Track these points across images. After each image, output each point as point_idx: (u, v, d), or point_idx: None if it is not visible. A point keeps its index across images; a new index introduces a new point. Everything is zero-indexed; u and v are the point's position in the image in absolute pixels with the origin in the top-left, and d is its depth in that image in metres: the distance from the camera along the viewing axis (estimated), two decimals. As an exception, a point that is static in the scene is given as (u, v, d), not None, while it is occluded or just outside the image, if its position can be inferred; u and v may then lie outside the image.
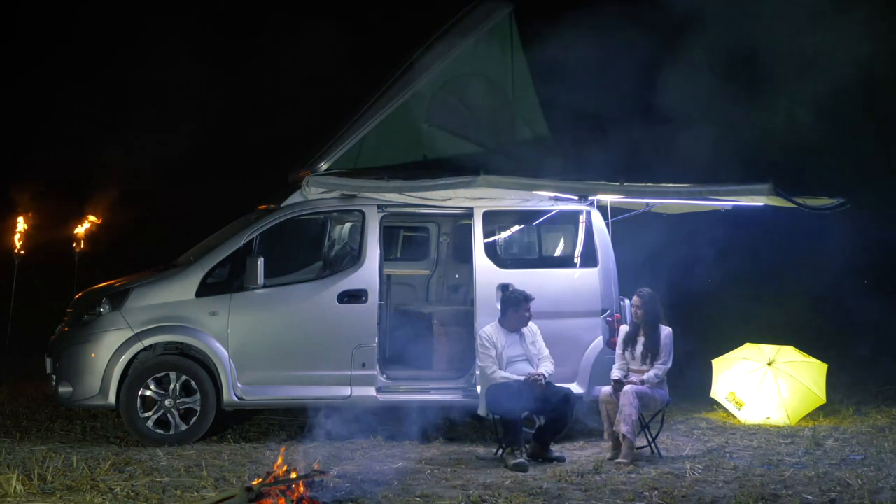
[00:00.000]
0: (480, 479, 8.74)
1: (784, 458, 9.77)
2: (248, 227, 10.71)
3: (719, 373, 12.39)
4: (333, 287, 10.67)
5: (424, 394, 10.82)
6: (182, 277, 10.55)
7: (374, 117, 11.17)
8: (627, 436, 9.48)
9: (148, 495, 7.98)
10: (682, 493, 8.27)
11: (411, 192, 10.63)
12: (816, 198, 10.28)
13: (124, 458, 9.38)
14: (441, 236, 12.72)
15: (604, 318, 10.88)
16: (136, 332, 10.32)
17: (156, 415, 10.33)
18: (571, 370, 10.70)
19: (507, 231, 11.54)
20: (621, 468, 9.24)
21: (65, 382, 10.33)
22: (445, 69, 11.54)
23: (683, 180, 10.24)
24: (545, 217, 11.18)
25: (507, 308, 10.07)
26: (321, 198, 10.87)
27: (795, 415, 11.80)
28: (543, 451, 9.72)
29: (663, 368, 9.87)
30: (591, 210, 11.13)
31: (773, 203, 10.20)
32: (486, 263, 10.87)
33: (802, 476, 8.82)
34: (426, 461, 9.58)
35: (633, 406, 9.53)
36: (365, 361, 10.58)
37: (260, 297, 10.52)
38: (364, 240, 10.79)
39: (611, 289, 10.99)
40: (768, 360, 12.07)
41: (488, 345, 9.88)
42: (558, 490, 8.39)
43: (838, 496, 8.13)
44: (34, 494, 7.93)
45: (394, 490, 8.27)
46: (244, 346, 10.44)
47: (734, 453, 10.02)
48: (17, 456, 9.33)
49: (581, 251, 11.03)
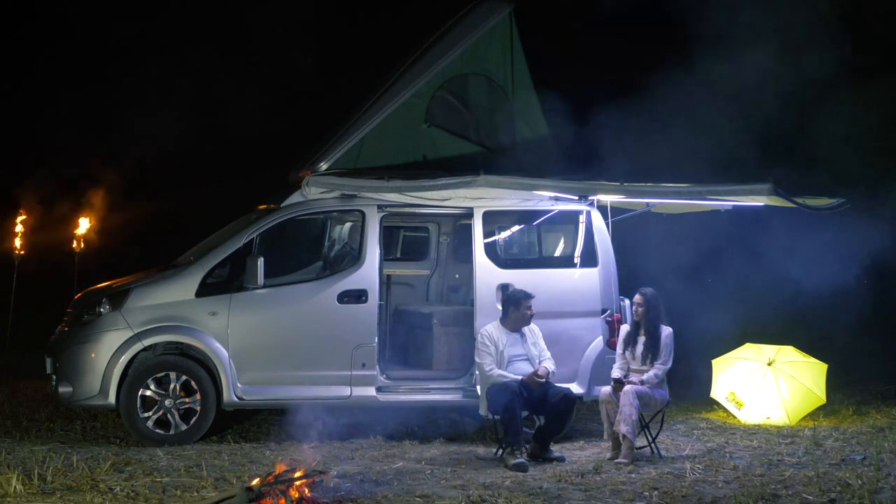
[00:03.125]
0: (480, 479, 8.72)
1: (784, 458, 9.75)
2: (248, 227, 10.70)
3: (719, 373, 12.38)
4: (333, 287, 10.66)
5: (424, 394, 10.81)
6: (182, 277, 10.54)
7: (374, 117, 11.17)
8: (627, 436, 9.47)
9: (148, 495, 7.96)
10: (682, 493, 8.25)
11: (411, 192, 10.63)
12: (816, 198, 10.27)
13: (124, 458, 9.36)
14: (441, 236, 12.70)
15: (604, 318, 10.87)
16: (136, 332, 10.31)
17: (156, 415, 10.32)
18: (571, 370, 10.69)
19: (507, 231, 11.53)
20: (621, 468, 9.22)
21: (65, 382, 10.32)
22: (445, 69, 11.55)
23: (683, 180, 10.23)
24: (545, 217, 11.17)
25: (509, 306, 10.06)
26: (321, 198, 10.86)
27: (795, 415, 11.80)
28: (543, 451, 9.71)
29: (663, 368, 9.86)
30: (592, 210, 11.12)
31: (773, 203, 10.15)
32: (486, 263, 10.87)
33: (802, 476, 8.80)
34: (426, 461, 9.57)
35: (633, 406, 9.52)
36: (365, 361, 10.57)
37: (260, 297, 10.51)
38: (364, 240, 10.79)
39: (611, 289, 10.98)
40: (768, 360, 12.06)
41: (488, 343, 9.87)
42: (558, 490, 8.37)
43: (838, 496, 8.11)
44: (34, 494, 7.91)
45: (394, 490, 8.24)
46: (244, 346, 10.43)
47: (734, 453, 10.00)
48: (17, 456, 9.30)
49: (581, 251, 11.02)
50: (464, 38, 11.59)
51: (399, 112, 11.30)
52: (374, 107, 11.30)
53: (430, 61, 11.51)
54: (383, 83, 11.64)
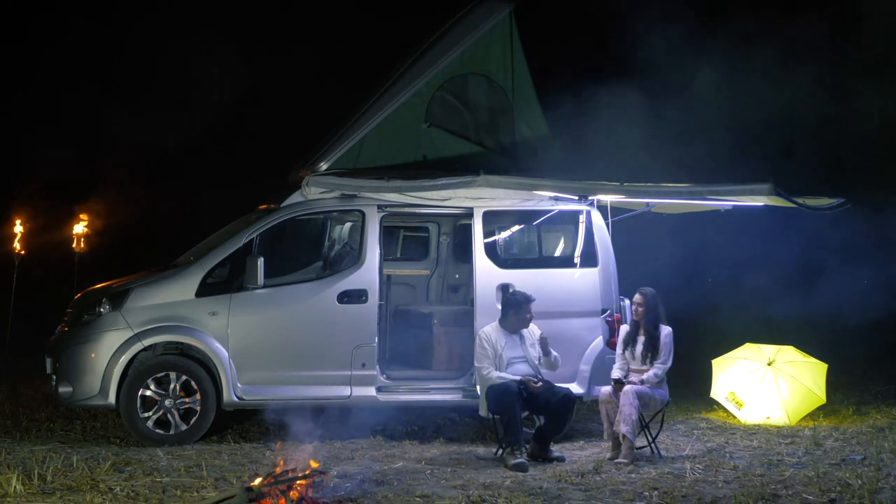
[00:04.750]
0: (480, 479, 8.72)
1: (784, 458, 9.75)
2: (248, 227, 10.70)
3: (719, 373, 12.37)
4: (333, 287, 10.66)
5: (425, 394, 10.80)
6: (182, 277, 10.54)
7: (374, 117, 11.17)
8: (627, 436, 9.46)
9: (148, 495, 7.96)
10: (682, 493, 8.25)
11: (411, 192, 10.62)
12: (817, 198, 10.27)
13: (124, 458, 9.37)
14: (441, 236, 12.70)
15: (604, 318, 10.86)
16: (136, 332, 10.31)
17: (156, 415, 10.32)
18: (571, 370, 10.67)
19: (507, 231, 11.52)
20: (621, 468, 9.22)
21: (65, 382, 10.32)
22: (445, 69, 11.54)
23: (683, 180, 10.23)
24: (545, 217, 11.15)
25: (509, 309, 10.04)
26: (321, 198, 10.86)
27: (795, 415, 11.79)
28: (543, 451, 9.70)
29: (663, 368, 9.86)
30: (592, 210, 11.11)
31: (773, 203, 10.15)
32: (486, 263, 10.86)
33: (802, 476, 8.80)
34: (426, 461, 9.57)
35: (633, 406, 9.51)
36: (365, 361, 10.56)
37: (260, 297, 10.51)
38: (364, 240, 10.78)
39: (611, 289, 10.97)
40: (768, 360, 12.05)
41: (486, 346, 9.85)
42: (558, 490, 8.37)
43: (838, 496, 8.11)
44: (34, 494, 7.92)
45: (394, 490, 8.25)
46: (244, 346, 10.43)
47: (734, 453, 10.00)
48: (17, 456, 9.31)
49: (581, 251, 11.01)
50: (464, 38, 11.58)
51: (399, 112, 11.30)
52: (374, 107, 11.30)
53: (430, 61, 11.50)
54: (383, 83, 11.64)
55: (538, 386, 9.63)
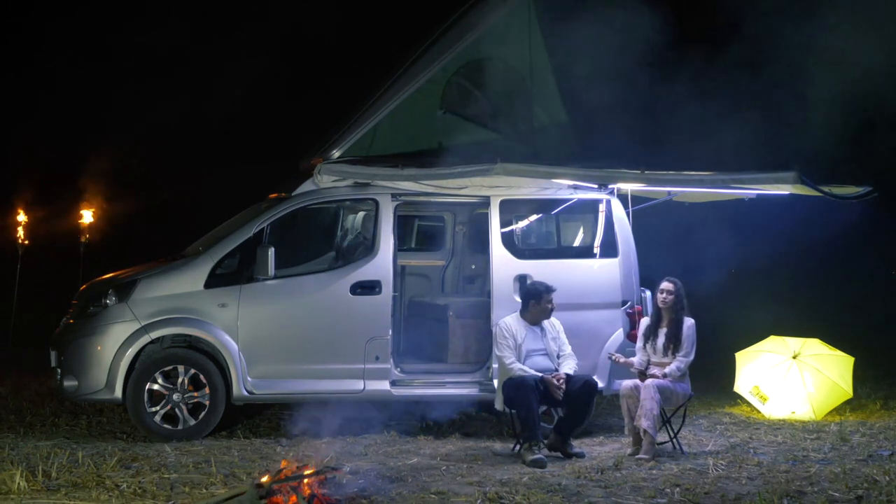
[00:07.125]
0: (497, 476, 8.62)
1: (809, 453, 9.66)
2: (259, 216, 10.62)
3: (743, 366, 12.30)
4: (346, 278, 10.55)
5: (440, 388, 10.73)
6: (190, 268, 10.44)
7: (388, 103, 11.04)
8: (648, 431, 9.36)
9: (155, 492, 7.89)
10: (705, 489, 8.14)
11: (426, 180, 10.54)
12: (843, 186, 10.10)
13: (131, 453, 9.32)
14: (457, 226, 12.62)
15: (624, 310, 10.78)
16: (143, 325, 10.20)
17: (163, 409, 10.23)
18: (591, 364, 10.56)
19: (524, 220, 11.42)
20: (642, 464, 9.13)
21: (70, 376, 10.22)
22: (461, 54, 11.40)
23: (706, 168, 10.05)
24: (564, 206, 11.06)
25: (529, 300, 9.90)
26: (333, 186, 10.79)
27: (821, 409, 11.71)
28: (563, 444, 9.57)
29: (686, 361, 9.74)
30: (612, 199, 11.02)
31: (798, 192, 10.04)
32: (503, 253, 10.76)
33: (828, 472, 8.70)
34: (441, 457, 9.50)
35: (655, 400, 9.42)
36: (378, 354, 10.47)
37: (270, 289, 10.41)
38: (378, 229, 10.69)
39: (631, 280, 10.89)
40: (793, 354, 11.96)
41: (507, 335, 9.73)
42: (577, 487, 8.26)
43: (865, 493, 7.98)
44: (38, 491, 7.84)
45: (408, 487, 8.16)
46: (254, 339, 10.33)
47: (758, 449, 9.92)
48: (21, 452, 9.27)
49: (601, 241, 10.93)
50: (481, 22, 11.46)
51: (414, 98, 11.16)
52: (388, 92, 11.19)
53: (445, 46, 11.38)
54: (398, 68, 11.55)
55: (561, 390, 9.43)
